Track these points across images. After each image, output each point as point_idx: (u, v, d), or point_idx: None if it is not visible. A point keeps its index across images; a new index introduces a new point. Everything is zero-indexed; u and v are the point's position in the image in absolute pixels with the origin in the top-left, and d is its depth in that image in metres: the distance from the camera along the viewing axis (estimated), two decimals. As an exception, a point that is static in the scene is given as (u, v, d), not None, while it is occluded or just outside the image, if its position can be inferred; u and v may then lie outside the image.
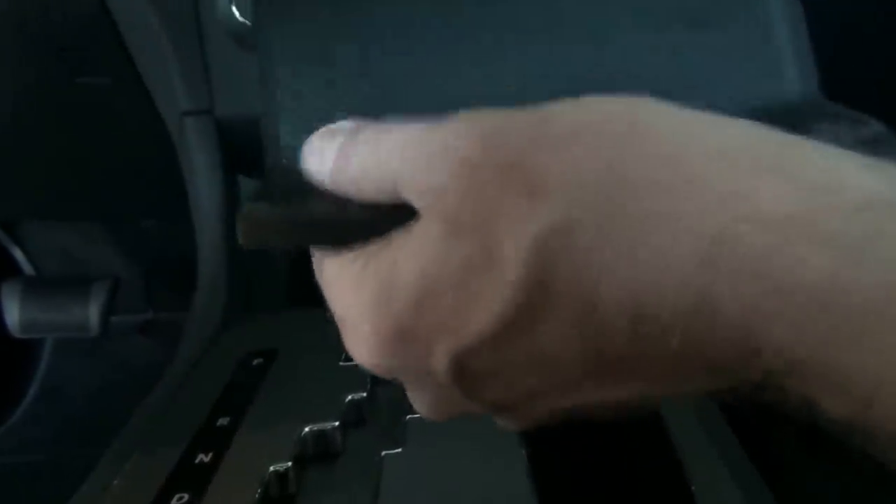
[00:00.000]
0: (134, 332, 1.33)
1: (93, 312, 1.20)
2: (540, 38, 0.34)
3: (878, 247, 0.20)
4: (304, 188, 0.30)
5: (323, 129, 0.30)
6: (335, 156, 0.29)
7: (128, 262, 1.32)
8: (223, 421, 0.50)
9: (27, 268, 1.32)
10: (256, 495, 0.42)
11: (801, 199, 0.21)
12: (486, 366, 0.26)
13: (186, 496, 0.43)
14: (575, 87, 0.25)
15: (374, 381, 0.54)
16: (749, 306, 0.21)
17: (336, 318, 0.30)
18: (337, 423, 0.49)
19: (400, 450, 0.47)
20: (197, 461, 0.46)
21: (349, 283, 0.28)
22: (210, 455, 0.46)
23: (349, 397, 0.51)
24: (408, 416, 0.50)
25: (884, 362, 0.20)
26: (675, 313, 0.22)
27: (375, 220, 0.27)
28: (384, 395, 0.55)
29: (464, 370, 0.26)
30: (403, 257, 0.26)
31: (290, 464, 0.45)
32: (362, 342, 0.28)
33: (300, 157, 0.30)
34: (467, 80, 0.34)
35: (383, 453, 0.47)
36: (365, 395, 0.52)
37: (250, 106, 0.69)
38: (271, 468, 0.44)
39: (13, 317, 1.21)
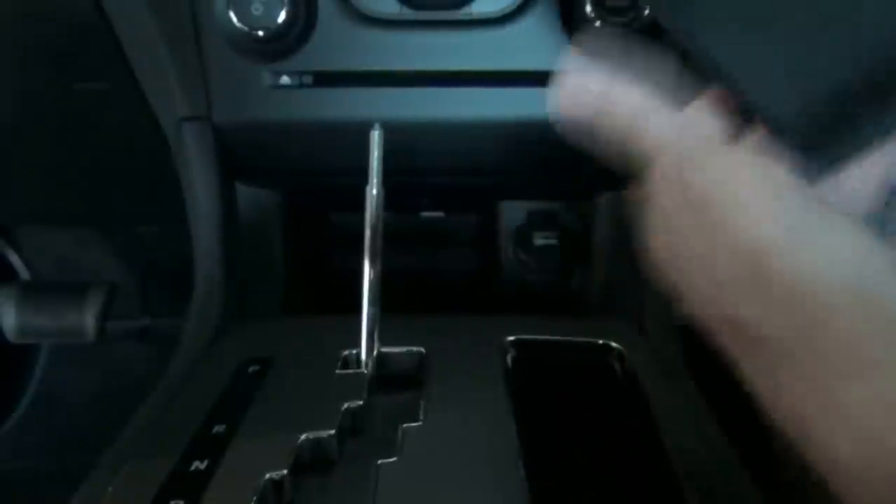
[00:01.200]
0: (130, 337, 1.34)
1: (89, 318, 1.21)
2: None
3: None
4: None
5: None
6: None
7: (124, 268, 1.33)
8: (219, 428, 0.50)
9: (24, 273, 1.32)
10: (252, 503, 0.42)
11: None
12: None
13: (182, 503, 0.43)
14: None
15: (371, 390, 0.54)
16: None
17: None
18: (333, 432, 0.49)
19: (395, 458, 0.47)
20: (192, 468, 0.46)
21: None
22: (205, 462, 0.46)
23: (345, 406, 0.51)
24: (403, 425, 0.50)
25: None
26: None
27: None
28: (380, 403, 0.55)
29: None
30: None
31: (285, 472, 0.45)
32: None
33: None
34: None
35: (379, 462, 0.47)
36: (361, 403, 0.52)
37: (248, 112, 0.69)
38: (267, 476, 0.44)
39: (9, 322, 1.21)
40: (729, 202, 0.34)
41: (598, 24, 0.63)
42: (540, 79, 0.68)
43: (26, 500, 1.17)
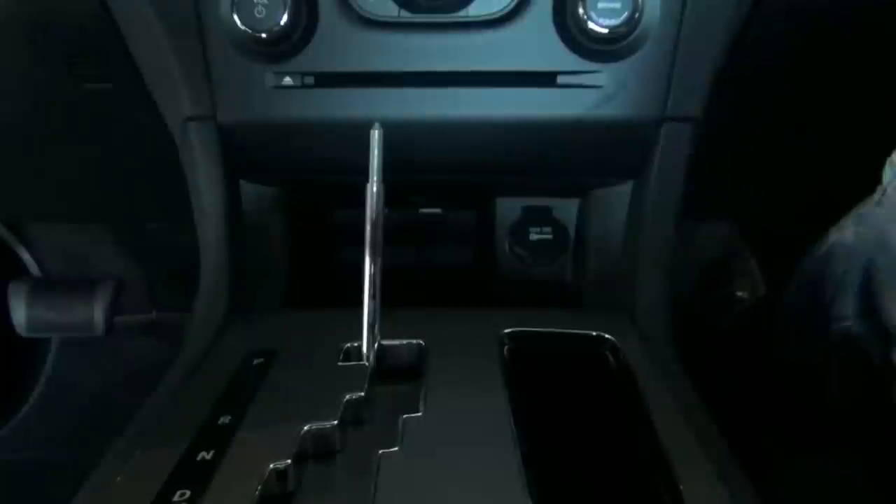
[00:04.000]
0: (138, 331, 1.34)
1: (98, 312, 1.22)
2: None
3: None
4: None
5: None
6: None
7: (132, 264, 1.34)
8: (224, 419, 0.51)
9: (34, 268, 1.33)
10: (256, 492, 0.43)
11: None
12: None
13: (188, 492, 0.44)
14: None
15: (372, 382, 0.55)
16: None
17: None
18: (335, 422, 0.50)
19: (396, 448, 0.48)
20: (199, 458, 0.47)
21: None
22: (211, 453, 0.47)
23: (347, 397, 0.52)
24: (403, 416, 0.52)
25: None
26: None
27: None
28: (381, 395, 0.56)
29: None
30: None
31: (289, 461, 0.46)
32: None
33: None
34: None
35: (380, 452, 0.48)
36: (362, 394, 0.53)
37: (251, 112, 0.70)
38: (271, 466, 0.45)
39: (20, 316, 1.23)
40: None
41: (591, 25, 0.64)
42: (535, 79, 0.69)
43: (38, 490, 1.18)
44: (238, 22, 0.65)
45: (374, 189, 0.58)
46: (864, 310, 0.65)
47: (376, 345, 0.59)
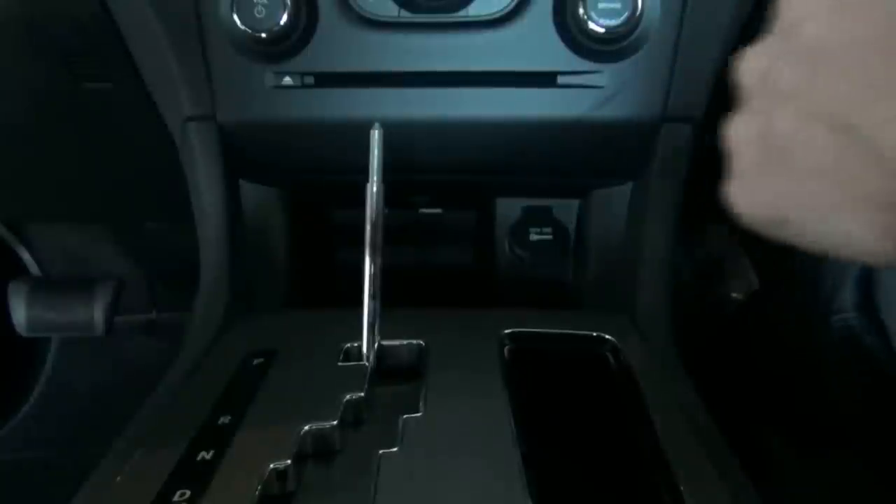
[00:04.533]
0: (137, 331, 1.34)
1: (97, 312, 1.22)
2: None
3: None
4: None
5: None
6: None
7: (132, 264, 1.34)
8: (224, 419, 0.51)
9: (34, 268, 1.33)
10: (256, 492, 0.44)
11: None
12: None
13: (188, 492, 0.44)
14: None
15: (372, 382, 0.55)
16: None
17: None
18: (335, 423, 0.50)
19: (396, 449, 0.48)
20: (199, 458, 0.47)
21: None
22: (211, 453, 0.47)
23: (347, 397, 0.52)
24: (403, 416, 0.52)
25: None
26: None
27: None
28: (381, 395, 0.56)
29: None
30: None
31: (289, 462, 0.46)
32: None
33: None
34: None
35: (380, 452, 0.48)
36: (362, 395, 0.53)
37: (251, 112, 0.70)
38: (271, 466, 0.45)
39: (20, 316, 1.23)
40: None
41: (591, 25, 0.64)
42: (535, 79, 0.69)
43: (38, 490, 1.18)
44: (238, 22, 0.65)
45: (374, 189, 0.58)
46: (863, 302, 0.65)
47: (376, 345, 0.59)
